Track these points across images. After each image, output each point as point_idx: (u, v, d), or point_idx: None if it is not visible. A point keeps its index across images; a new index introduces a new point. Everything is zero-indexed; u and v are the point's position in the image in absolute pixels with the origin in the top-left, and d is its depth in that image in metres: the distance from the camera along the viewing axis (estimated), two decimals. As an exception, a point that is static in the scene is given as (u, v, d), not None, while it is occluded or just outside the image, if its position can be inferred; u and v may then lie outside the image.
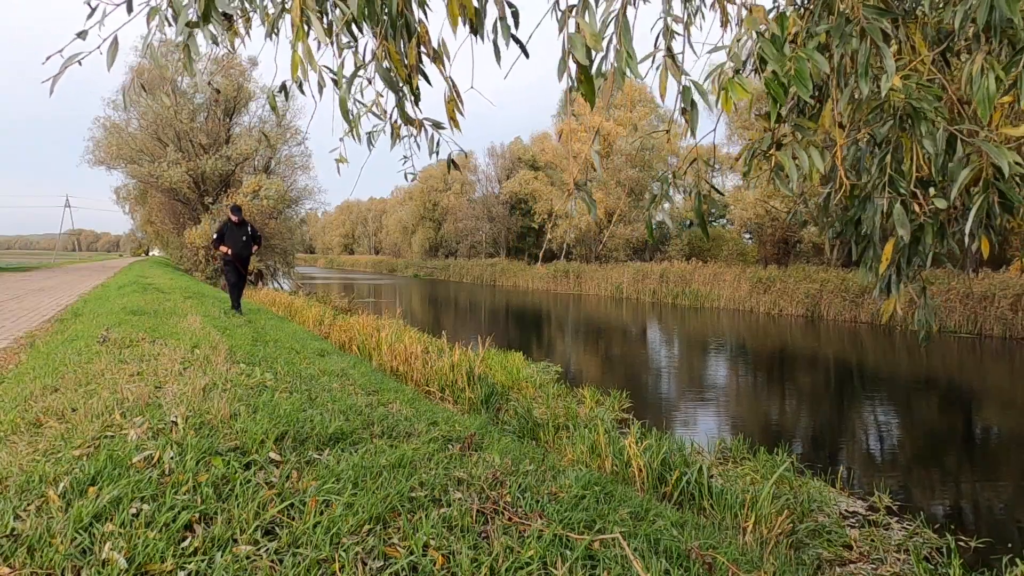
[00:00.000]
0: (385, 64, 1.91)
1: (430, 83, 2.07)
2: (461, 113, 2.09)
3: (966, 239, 2.17)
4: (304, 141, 26.62)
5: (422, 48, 1.94)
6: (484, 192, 48.20)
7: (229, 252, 9.30)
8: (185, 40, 1.90)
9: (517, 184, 41.34)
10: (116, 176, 28.55)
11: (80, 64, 1.83)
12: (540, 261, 39.63)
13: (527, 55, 1.94)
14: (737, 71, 1.92)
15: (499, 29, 1.89)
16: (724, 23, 2.15)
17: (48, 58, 1.82)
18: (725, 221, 37.87)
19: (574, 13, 1.86)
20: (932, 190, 2.10)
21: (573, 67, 1.77)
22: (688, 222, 37.65)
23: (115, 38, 1.85)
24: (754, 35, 1.90)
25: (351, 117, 2.05)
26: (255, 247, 9.72)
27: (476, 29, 1.92)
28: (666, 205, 36.29)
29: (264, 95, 24.01)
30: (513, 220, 44.26)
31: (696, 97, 1.90)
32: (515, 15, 1.90)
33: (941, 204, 2.06)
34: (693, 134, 1.95)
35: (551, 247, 39.87)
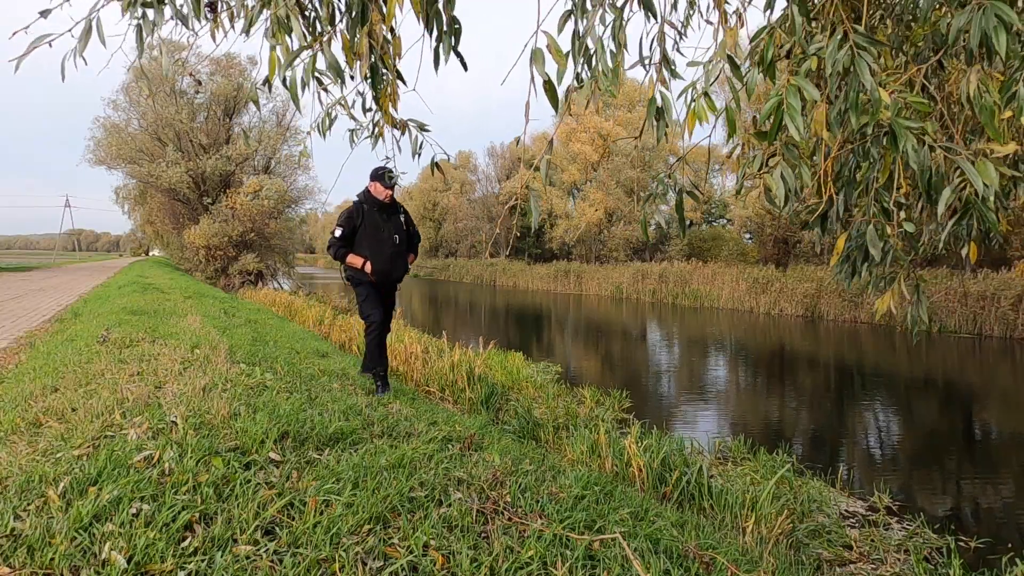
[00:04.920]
0: (334, 51, 1.93)
1: (404, 81, 2.08)
2: (395, 108, 2.11)
3: (941, 244, 2.21)
4: (304, 141, 26.58)
5: (371, 39, 1.96)
6: (484, 192, 48.24)
7: (369, 270, 4.72)
8: (139, 19, 1.92)
9: (517, 184, 41.36)
10: (116, 176, 28.46)
11: (50, 46, 1.85)
12: (497, 252, 39.60)
13: (465, 68, 2.04)
14: (706, 93, 1.98)
15: (442, 41, 1.95)
16: (684, 29, 2.20)
17: (14, 34, 1.84)
18: (725, 221, 37.85)
19: (570, 19, 1.88)
20: (903, 213, 2.15)
21: (539, 79, 1.82)
22: (689, 222, 37.63)
23: (89, 22, 1.86)
24: (724, 62, 1.96)
25: (328, 113, 2.06)
26: (412, 256, 4.99)
27: (429, 25, 1.95)
28: (664, 207, 36.30)
29: (263, 96, 24.03)
30: (513, 220, 44.24)
31: (665, 111, 1.97)
32: (457, 32, 1.97)
33: (910, 228, 2.11)
34: (658, 141, 2.02)
35: (551, 247, 39.85)
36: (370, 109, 2.15)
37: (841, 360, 12.75)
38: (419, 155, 2.21)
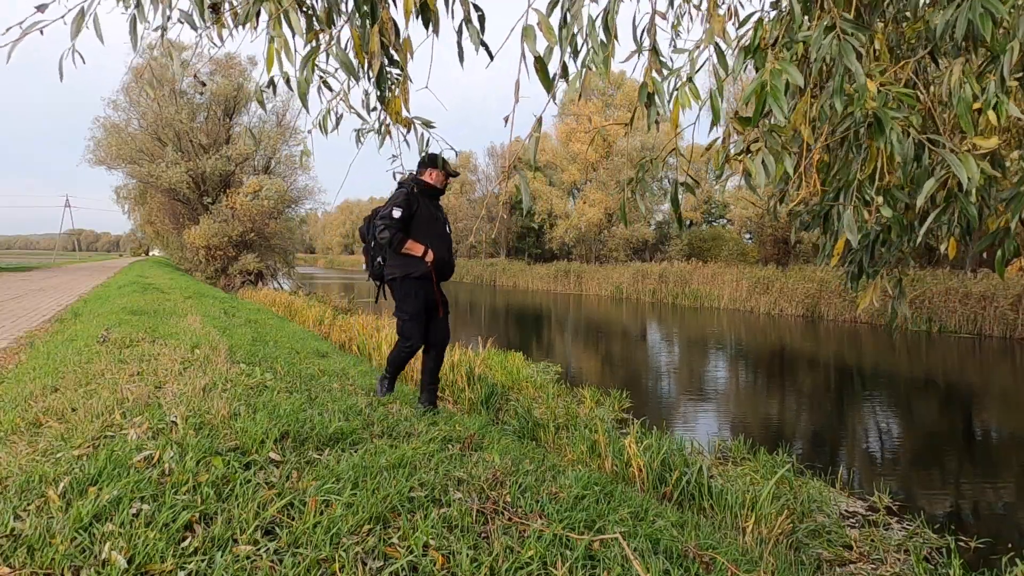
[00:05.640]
0: (348, 51, 1.93)
1: (405, 74, 2.06)
2: (407, 108, 2.10)
3: (920, 237, 2.21)
4: (304, 141, 26.59)
5: (382, 37, 1.95)
6: (484, 192, 48.20)
7: (429, 258, 4.19)
8: (133, 9, 1.92)
9: (516, 182, 41.31)
10: (116, 176, 28.46)
11: (41, 33, 1.84)
12: (491, 251, 39.69)
13: (492, 57, 1.97)
14: (691, 79, 1.97)
15: (466, 31, 1.91)
16: (676, 26, 2.20)
17: (8, 29, 1.83)
18: (725, 221, 37.84)
19: (559, 6, 1.87)
20: (880, 199, 2.14)
21: (529, 57, 1.79)
22: (689, 222, 37.65)
23: (81, 9, 1.86)
24: (710, 48, 1.95)
25: (332, 111, 2.07)
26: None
27: (431, 24, 1.93)
28: (664, 206, 36.29)
29: (264, 94, 23.99)
30: (513, 220, 44.27)
31: (656, 98, 1.96)
32: (481, 19, 1.92)
33: (887, 213, 2.10)
34: (648, 128, 2.01)
35: (551, 247, 39.85)
36: (375, 108, 2.14)
37: (841, 360, 12.75)
38: (426, 152, 2.22)
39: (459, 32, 1.92)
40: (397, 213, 4.10)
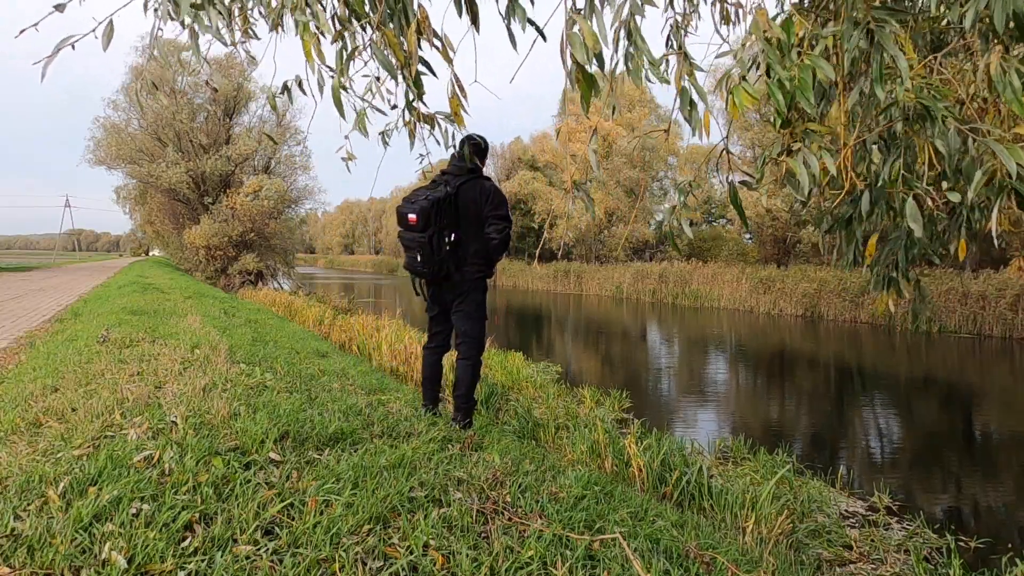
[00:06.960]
0: (385, 52, 1.91)
1: (434, 74, 2.03)
2: (465, 110, 2.07)
3: (954, 240, 2.18)
4: (304, 141, 26.61)
5: (421, 34, 1.93)
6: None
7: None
8: (192, 22, 1.91)
9: (517, 184, 41.38)
10: (116, 176, 28.39)
11: (73, 48, 1.82)
12: (536, 259, 39.67)
13: (544, 38, 1.90)
14: (743, 77, 1.92)
15: (515, 12, 1.85)
16: (726, 20, 2.16)
17: (22, 31, 1.80)
18: (725, 221, 37.84)
19: (582, 14, 1.86)
20: (945, 184, 2.08)
21: (571, 66, 1.77)
22: (689, 221, 37.58)
23: (111, 22, 1.85)
24: (758, 42, 1.91)
25: (356, 110, 2.06)
26: None
27: (474, 19, 1.92)
28: (664, 206, 36.25)
29: (264, 94, 24.00)
30: (513, 220, 44.27)
31: (695, 98, 1.91)
32: None
33: (955, 198, 2.03)
34: (697, 134, 1.95)
35: (551, 247, 39.85)
36: (394, 107, 2.13)
37: (841, 360, 12.75)
38: (454, 146, 2.21)
39: (507, 15, 1.85)
40: (510, 213, 3.75)
